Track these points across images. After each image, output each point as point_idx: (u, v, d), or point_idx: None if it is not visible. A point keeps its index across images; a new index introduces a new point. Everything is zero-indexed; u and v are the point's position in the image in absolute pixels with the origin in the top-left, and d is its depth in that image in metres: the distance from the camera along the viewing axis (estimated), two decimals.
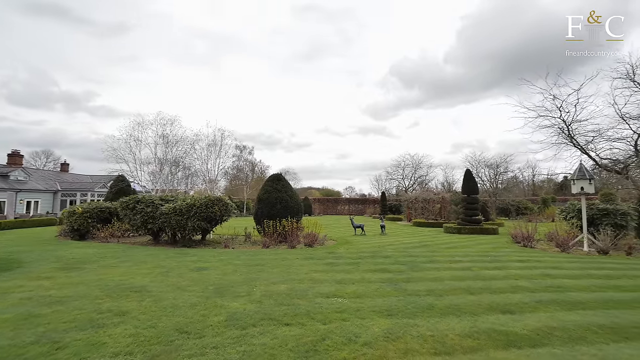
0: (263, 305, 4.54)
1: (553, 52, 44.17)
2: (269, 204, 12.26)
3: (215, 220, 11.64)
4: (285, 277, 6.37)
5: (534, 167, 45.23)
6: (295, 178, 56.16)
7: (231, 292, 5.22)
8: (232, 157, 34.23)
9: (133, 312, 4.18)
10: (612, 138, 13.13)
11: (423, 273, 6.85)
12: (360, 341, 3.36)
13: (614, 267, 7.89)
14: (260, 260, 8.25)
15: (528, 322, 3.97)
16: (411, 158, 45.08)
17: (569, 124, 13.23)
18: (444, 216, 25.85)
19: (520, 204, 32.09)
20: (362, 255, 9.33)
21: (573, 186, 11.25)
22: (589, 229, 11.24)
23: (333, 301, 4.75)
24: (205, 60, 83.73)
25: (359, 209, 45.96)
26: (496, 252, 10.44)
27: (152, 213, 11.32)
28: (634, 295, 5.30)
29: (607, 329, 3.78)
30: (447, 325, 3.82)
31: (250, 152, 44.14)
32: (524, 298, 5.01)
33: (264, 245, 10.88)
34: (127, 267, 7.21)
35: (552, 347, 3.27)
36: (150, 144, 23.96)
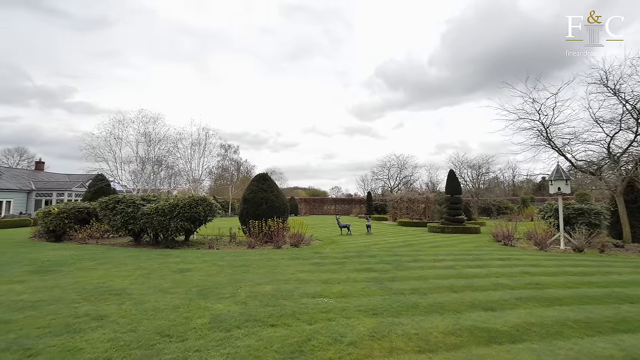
0: (248, 306, 4.48)
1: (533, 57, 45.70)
2: (254, 204, 12.14)
3: (199, 221, 11.42)
4: (271, 277, 6.31)
5: (514, 168, 46.65)
6: (281, 178, 55.84)
7: (215, 293, 5.13)
8: (217, 157, 33.71)
9: (112, 316, 4.04)
10: (587, 141, 13.67)
11: (408, 272, 6.93)
12: (345, 341, 3.36)
13: (588, 264, 8.22)
14: (246, 261, 8.15)
15: (508, 318, 4.08)
16: (396, 158, 45.65)
17: (547, 127, 13.70)
18: (428, 216, 26.30)
19: (501, 203, 33.03)
20: (348, 255, 9.37)
21: (551, 186, 11.65)
22: (565, 227, 11.67)
23: (319, 301, 4.74)
24: (191, 57, 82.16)
25: (345, 209, 46.16)
26: (478, 250, 10.70)
27: (133, 213, 11.00)
28: (606, 290, 5.53)
29: (582, 323, 3.92)
30: (431, 323, 3.88)
31: (235, 151, 43.66)
32: (505, 295, 5.15)
33: (250, 246, 10.75)
34: (106, 270, 6.97)
35: (531, 343, 3.37)
36: (131, 142, 23.25)
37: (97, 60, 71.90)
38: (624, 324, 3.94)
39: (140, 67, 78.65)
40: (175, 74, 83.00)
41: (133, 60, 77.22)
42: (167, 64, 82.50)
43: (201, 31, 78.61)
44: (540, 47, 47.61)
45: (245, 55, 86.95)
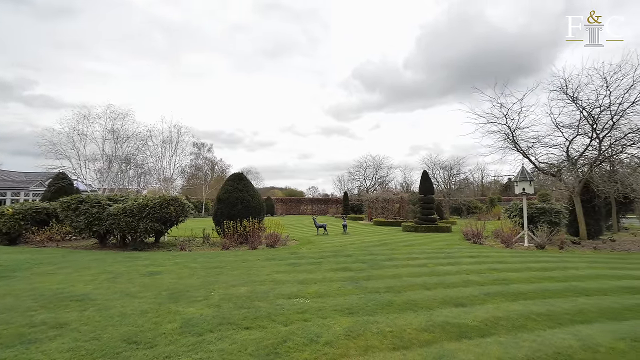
0: (222, 309, 4.35)
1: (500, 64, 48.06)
2: (229, 204, 11.87)
3: (170, 222, 10.99)
4: (246, 279, 6.18)
5: (483, 170, 49.02)
6: (257, 177, 55.07)
7: (187, 296, 4.94)
8: (189, 155, 32.64)
9: (73, 324, 3.77)
10: (549, 144, 14.59)
11: (383, 271, 7.04)
12: (321, 341, 3.34)
13: (549, 260, 8.75)
14: (219, 263, 7.94)
15: (478, 313, 4.24)
16: (372, 159, 46.35)
17: (513, 131, 14.47)
18: (403, 215, 26.94)
19: (470, 203, 34.49)
20: (324, 254, 9.38)
21: (516, 187, 12.30)
22: (529, 226, 12.36)
23: (295, 302, 4.69)
24: (164, 53, 79.00)
25: (322, 208, 46.30)
26: (450, 248, 11.08)
27: (99, 214, 10.40)
28: (565, 284, 5.90)
29: (544, 316, 4.15)
30: (405, 321, 3.95)
31: (209, 149, 42.48)
32: (474, 291, 5.35)
33: (224, 247, 10.50)
34: (67, 274, 6.53)
35: (498, 336, 3.51)
36: (97, 139, 21.98)
37: (61, 51, 67.51)
38: (580, 315, 4.21)
39: (108, 61, 74.60)
40: (145, 69, 79.57)
41: (101, 53, 73.08)
42: (139, 59, 78.93)
43: (174, 26, 75.91)
44: (506, 55, 50.23)
45: (220, 52, 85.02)
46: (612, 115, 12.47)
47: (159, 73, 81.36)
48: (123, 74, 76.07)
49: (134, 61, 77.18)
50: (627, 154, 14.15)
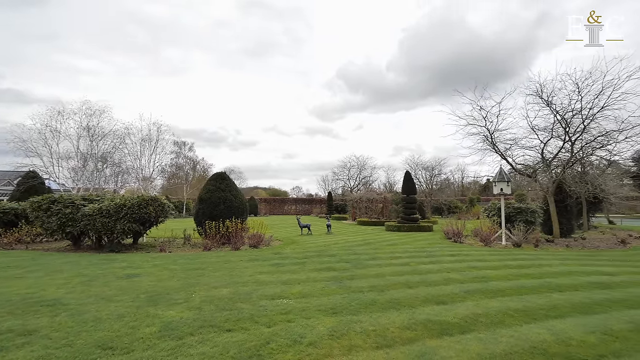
0: (203, 311, 4.24)
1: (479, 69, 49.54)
2: (211, 204, 11.63)
3: (149, 222, 10.67)
4: (228, 280, 6.07)
5: (463, 170, 50.26)
6: (240, 177, 54.41)
7: (167, 299, 4.79)
8: (170, 154, 31.80)
9: (43, 330, 3.58)
10: (525, 146, 15.15)
11: (366, 270, 7.09)
12: (305, 341, 3.32)
13: (525, 257, 9.08)
14: (201, 264, 7.76)
15: (458, 311, 4.33)
16: (356, 159, 46.71)
17: (492, 133, 14.92)
18: (386, 215, 27.29)
19: (451, 203, 35.36)
20: (308, 254, 9.35)
21: (494, 187, 12.69)
22: (507, 225, 12.79)
23: (278, 303, 4.65)
24: (143, 48, 76.63)
25: (306, 208, 46.24)
26: (431, 247, 11.30)
27: (72, 215, 9.94)
28: (539, 281, 6.13)
29: (520, 312, 4.29)
30: (388, 319, 3.98)
31: (190, 148, 41.54)
32: (455, 289, 5.47)
33: (205, 248, 10.28)
34: (37, 278, 6.20)
35: (478, 332, 3.60)
36: (71, 136, 21.02)
37: (33, 44, 64.21)
38: (554, 310, 4.38)
39: (84, 55, 71.63)
40: (125, 64, 76.93)
41: (76, 46, 70.11)
42: (117, 54, 76.17)
43: (154, 20, 73.80)
44: (485, 60, 51.87)
45: (202, 49, 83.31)
46: (583, 119, 13.08)
47: (137, 68, 78.88)
48: (100, 69, 73.23)
49: (111, 56, 74.52)
50: (596, 156, 14.92)
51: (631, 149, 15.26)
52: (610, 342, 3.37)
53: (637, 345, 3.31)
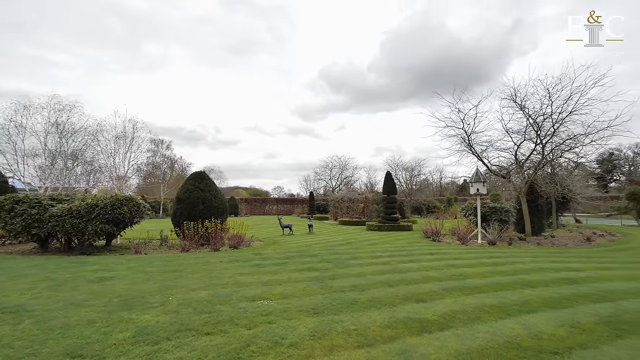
0: (180, 315, 4.11)
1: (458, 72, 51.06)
2: (189, 204, 11.33)
3: (124, 223, 10.24)
4: (207, 282, 5.92)
5: (441, 171, 51.73)
6: (220, 177, 53.45)
7: (142, 303, 4.61)
8: (146, 152, 30.67)
9: (5, 339, 3.35)
10: (500, 148, 15.75)
11: (348, 269, 7.12)
12: (286, 343, 3.28)
13: (499, 255, 9.42)
14: (178, 266, 7.54)
15: (437, 308, 4.42)
16: (338, 159, 46.95)
17: (469, 135, 15.40)
18: (367, 215, 27.58)
19: (430, 203, 36.23)
20: (289, 255, 9.29)
21: (471, 188, 13.10)
22: (482, 224, 13.23)
23: (259, 304, 4.57)
24: (119, 42, 73.49)
25: (288, 208, 46.02)
26: (411, 246, 11.52)
27: (39, 215, 9.39)
28: (513, 278, 6.37)
29: (496, 308, 4.44)
30: (369, 318, 4.01)
31: (168, 146, 40.38)
32: (434, 287, 5.59)
33: (183, 249, 9.99)
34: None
35: (456, 329, 3.69)
36: (38, 132, 19.86)
37: None
38: (527, 306, 4.56)
39: (54, 47, 67.89)
40: (99, 57, 73.51)
41: (46, 38, 66.30)
42: (90, 47, 72.61)
43: (131, 12, 71.05)
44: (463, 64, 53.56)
45: (182, 45, 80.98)
46: (553, 123, 13.74)
47: (112, 63, 75.62)
48: (71, 62, 69.66)
49: (84, 49, 71.03)
50: (565, 158, 15.70)
51: (596, 152, 16.24)
52: (577, 335, 3.54)
53: (602, 337, 3.49)
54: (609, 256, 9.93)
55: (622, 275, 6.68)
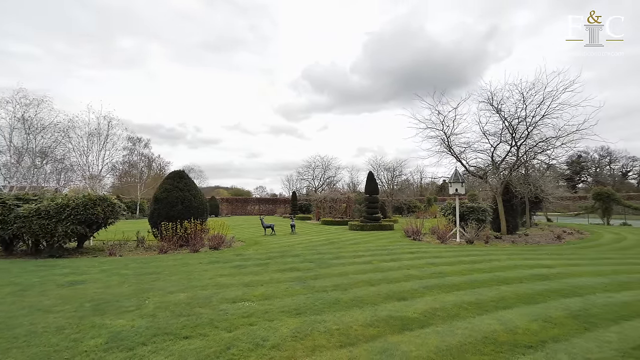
0: (157, 318, 3.96)
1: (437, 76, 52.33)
2: (168, 204, 10.99)
3: (97, 224, 9.80)
4: (186, 284, 5.75)
5: (421, 172, 52.90)
6: (200, 176, 52.33)
7: (116, 307, 4.41)
8: (122, 150, 29.53)
9: None
10: (477, 150, 16.28)
11: (330, 269, 7.12)
12: (268, 344, 3.23)
13: (477, 253, 9.71)
14: (156, 268, 7.29)
15: (418, 306, 4.49)
16: (321, 159, 47.16)
17: (449, 136, 15.83)
18: (349, 214, 27.77)
19: (411, 203, 36.92)
20: (271, 255, 9.19)
21: (450, 188, 13.44)
22: (461, 223, 13.60)
23: (240, 306, 4.48)
24: (92, 35, 70.35)
25: (270, 208, 45.65)
26: (392, 245, 11.68)
27: (3, 216, 8.82)
28: (490, 275, 6.57)
29: (474, 305, 4.56)
30: (351, 318, 4.01)
31: (146, 145, 39.16)
32: (414, 285, 5.68)
33: (161, 251, 9.68)
34: None
35: (436, 326, 3.75)
36: (2, 127, 18.71)
37: None
38: (503, 302, 4.71)
39: (19, 38, 64.12)
40: (69, 51, 70.13)
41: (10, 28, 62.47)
42: (59, 39, 69.18)
43: (104, 6, 68.23)
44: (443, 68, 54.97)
45: (160, 41, 78.64)
46: (527, 126, 14.34)
47: (85, 57, 72.33)
48: (38, 54, 66.11)
49: (53, 41, 67.56)
50: (538, 160, 16.41)
51: (566, 154, 17.07)
52: (550, 329, 3.68)
53: (572, 330, 3.65)
54: (577, 253, 10.46)
55: (590, 271, 7.04)
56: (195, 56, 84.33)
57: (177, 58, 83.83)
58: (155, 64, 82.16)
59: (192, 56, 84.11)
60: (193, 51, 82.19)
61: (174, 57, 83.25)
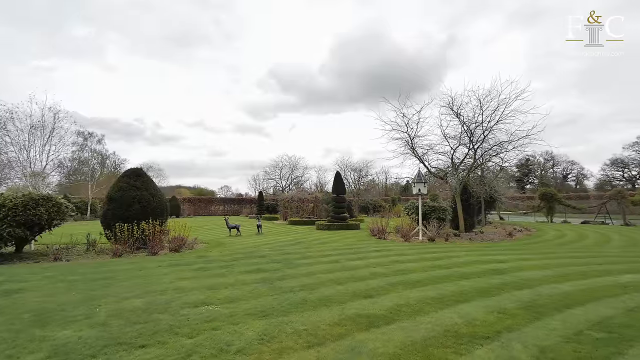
0: (109, 327, 3.65)
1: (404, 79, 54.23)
2: (123, 203, 10.25)
3: (40, 226, 8.89)
4: (143, 289, 5.38)
5: (386, 172, 54.59)
6: (160, 175, 49.60)
7: (61, 317, 4.00)
8: (71, 146, 27.17)
9: None
10: (439, 152, 17.08)
11: (297, 269, 7.05)
12: (232, 349, 3.09)
13: (438, 250, 10.15)
14: (109, 273, 6.75)
15: (383, 303, 4.57)
16: (289, 159, 46.86)
17: (412, 138, 16.44)
18: (317, 214, 27.86)
19: (376, 203, 37.91)
20: (236, 257, 8.92)
21: (413, 188, 13.95)
22: (423, 222, 14.17)
23: (202, 310, 4.27)
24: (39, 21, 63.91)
25: (235, 209, 44.53)
26: (359, 244, 11.86)
27: None
28: (450, 271, 6.89)
29: (436, 300, 4.73)
30: (319, 317, 3.98)
31: (99, 140, 36.37)
32: (380, 282, 5.79)
33: (115, 254, 9.00)
34: None
35: (401, 322, 3.84)
36: None
37: None
38: (462, 296, 4.95)
39: None
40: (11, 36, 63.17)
41: None
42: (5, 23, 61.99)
43: None
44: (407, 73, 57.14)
45: (117, 31, 73.38)
46: (483, 130, 15.31)
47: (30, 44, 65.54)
48: None
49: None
50: (492, 162, 17.58)
51: (516, 158, 18.49)
52: (504, 319, 3.92)
53: (524, 320, 3.91)
54: (526, 248, 11.34)
55: (537, 265, 7.64)
56: (156, 49, 79.84)
57: (136, 50, 78.75)
58: (111, 55, 76.57)
59: (153, 49, 79.55)
60: (154, 44, 77.79)
61: (133, 49, 78.14)
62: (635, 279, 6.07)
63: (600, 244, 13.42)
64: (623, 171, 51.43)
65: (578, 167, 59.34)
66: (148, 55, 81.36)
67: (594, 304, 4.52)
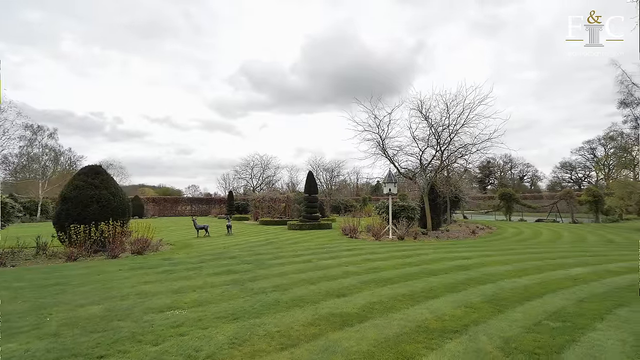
0: (62, 338, 3.33)
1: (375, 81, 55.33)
2: (79, 203, 9.50)
3: None
4: (101, 295, 5.00)
5: (358, 172, 55.40)
6: (122, 173, 46.70)
7: (4, 328, 3.60)
8: (17, 140, 24.84)
9: None
10: (408, 153, 17.62)
11: (269, 270, 6.92)
12: (201, 355, 2.94)
13: (407, 248, 10.44)
14: (62, 278, 6.21)
15: (356, 301, 4.59)
16: (260, 158, 46.07)
17: (383, 140, 16.81)
18: (289, 214, 27.64)
19: (348, 202, 38.35)
20: (204, 258, 8.59)
21: (384, 188, 14.26)
22: (393, 221, 14.52)
23: (168, 315, 4.04)
24: None
25: (204, 209, 43.11)
26: (331, 244, 11.91)
27: None
28: (420, 268, 7.09)
29: (407, 297, 4.83)
30: (292, 318, 3.91)
31: (51, 135, 33.53)
32: (353, 281, 5.82)
33: (70, 258, 8.32)
34: None
35: (374, 320, 3.87)
36: None
37: None
38: (432, 292, 5.10)
39: None
40: None
41: None
42: None
43: None
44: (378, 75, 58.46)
45: (74, 18, 68.13)
46: (449, 133, 15.99)
47: None
48: None
49: None
50: (457, 163, 18.41)
51: (479, 160, 19.49)
52: (471, 313, 4.08)
53: (488, 313, 4.10)
54: (488, 245, 11.98)
55: (499, 261, 8.08)
56: (118, 39, 74.93)
57: (95, 39, 73.52)
58: (66, 44, 70.86)
59: (114, 39, 74.57)
60: (115, 33, 73.01)
61: (92, 37, 72.86)
62: (583, 272, 6.61)
63: (552, 240, 14.52)
64: (571, 173, 56.22)
65: (533, 169, 63.91)
66: (109, 45, 76.24)
67: (550, 296, 4.85)
